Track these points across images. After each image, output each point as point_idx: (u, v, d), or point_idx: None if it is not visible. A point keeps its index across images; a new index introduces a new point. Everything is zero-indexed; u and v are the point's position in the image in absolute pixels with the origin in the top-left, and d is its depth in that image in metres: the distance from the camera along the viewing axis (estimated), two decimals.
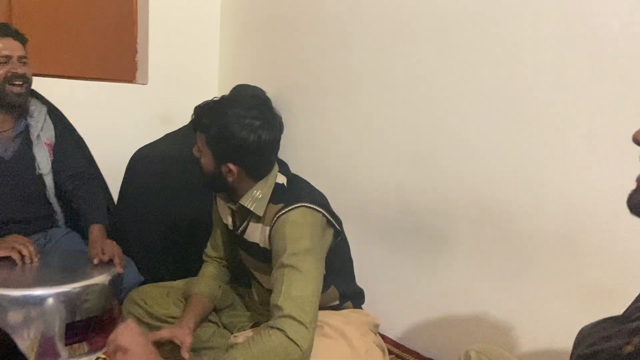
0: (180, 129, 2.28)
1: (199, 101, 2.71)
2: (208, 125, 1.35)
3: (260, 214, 1.42)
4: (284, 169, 1.51)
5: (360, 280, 1.70)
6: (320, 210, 1.40)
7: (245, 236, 1.49)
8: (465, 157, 1.74)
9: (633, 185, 0.76)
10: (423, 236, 1.88)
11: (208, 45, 2.77)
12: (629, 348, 0.72)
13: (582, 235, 1.47)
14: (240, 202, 1.43)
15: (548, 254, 1.55)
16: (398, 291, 1.98)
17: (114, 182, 2.20)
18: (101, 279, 1.62)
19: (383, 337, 1.73)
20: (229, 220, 1.55)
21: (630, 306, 0.85)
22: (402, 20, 1.88)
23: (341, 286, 1.52)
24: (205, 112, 1.37)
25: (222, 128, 1.33)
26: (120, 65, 2.60)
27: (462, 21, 1.71)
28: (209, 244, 1.68)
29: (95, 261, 1.67)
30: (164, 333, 1.40)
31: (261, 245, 1.45)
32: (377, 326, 1.56)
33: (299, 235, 1.33)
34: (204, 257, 1.67)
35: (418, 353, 1.92)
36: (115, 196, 2.22)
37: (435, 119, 1.82)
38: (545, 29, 1.52)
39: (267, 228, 1.41)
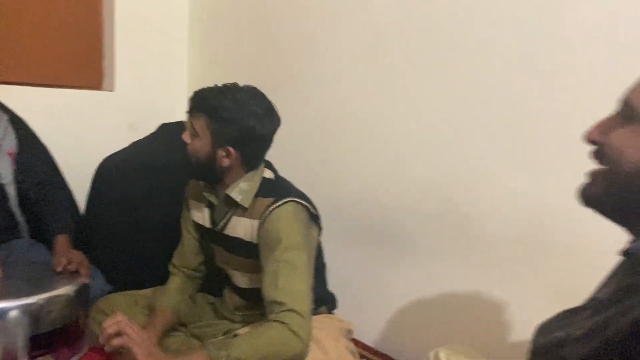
0: (147, 136, 2.25)
1: (167, 108, 2.70)
2: (214, 106, 1.36)
3: (247, 205, 1.41)
4: (270, 166, 1.51)
5: (333, 284, 1.70)
6: (307, 206, 1.41)
7: (226, 231, 1.47)
8: (432, 160, 1.76)
9: None
10: (394, 239, 1.89)
11: (176, 50, 2.75)
12: (578, 332, 0.75)
13: (546, 236, 1.50)
14: (226, 192, 1.42)
15: (514, 255, 1.57)
16: (370, 295, 1.98)
17: (81, 191, 2.17)
18: (66, 289, 1.58)
19: (356, 342, 1.74)
20: (205, 219, 1.53)
21: (586, 299, 0.87)
22: (373, 22, 1.90)
23: (316, 289, 1.52)
24: (212, 94, 1.38)
25: (228, 110, 1.34)
26: (86, 71, 2.56)
27: (431, 25, 1.73)
28: (175, 253, 1.65)
29: (59, 268, 1.63)
30: (121, 316, 1.38)
31: (246, 239, 1.43)
32: (350, 332, 1.56)
33: (293, 230, 1.35)
34: (170, 268, 1.65)
35: (390, 357, 1.92)
36: (82, 205, 2.18)
37: (402, 122, 1.84)
38: (510, 35, 1.55)
39: (256, 222, 1.40)
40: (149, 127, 2.32)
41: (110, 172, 2.11)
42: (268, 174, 1.48)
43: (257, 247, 1.40)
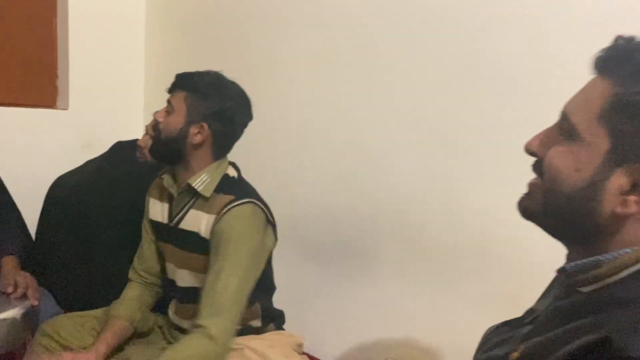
0: (101, 155, 2.21)
1: (123, 125, 2.67)
2: (196, 82, 1.40)
3: (207, 195, 1.40)
4: (235, 166, 1.53)
5: (288, 300, 1.70)
6: (265, 211, 1.41)
7: (181, 225, 1.46)
8: (383, 176, 1.79)
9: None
10: (350, 255, 1.90)
11: (132, 68, 2.73)
12: (515, 355, 0.73)
13: (497, 248, 1.53)
14: (188, 181, 1.41)
15: (466, 268, 1.61)
16: (327, 310, 1.99)
17: (33, 212, 2.12)
18: (12, 313, 1.54)
19: (311, 357, 1.73)
20: (164, 214, 1.52)
21: (526, 311, 0.88)
22: (327, 39, 1.93)
23: (264, 305, 1.51)
24: (196, 73, 1.43)
25: (209, 87, 1.39)
26: (39, 90, 2.52)
27: (381, 44, 1.77)
28: (135, 257, 1.63)
29: (8, 294, 1.58)
30: (66, 357, 1.36)
31: (201, 234, 1.42)
32: (300, 345, 1.56)
33: (245, 232, 1.36)
34: (130, 275, 1.62)
35: None
36: (33, 226, 2.13)
37: (354, 139, 1.87)
38: (453, 53, 1.59)
39: (213, 217, 1.39)
40: (104, 146, 2.29)
41: (63, 191, 2.07)
42: (232, 171, 1.49)
43: (208, 243, 1.39)
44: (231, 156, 1.52)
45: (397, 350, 1.78)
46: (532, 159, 0.76)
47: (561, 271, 0.74)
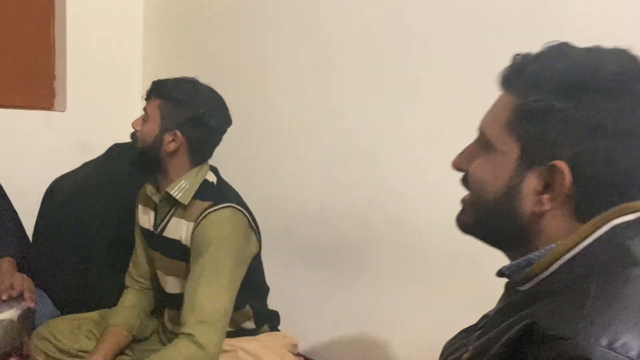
0: (98, 157, 2.22)
1: (120, 127, 2.67)
2: (169, 89, 1.39)
3: (185, 202, 1.40)
4: (215, 171, 1.51)
5: (281, 301, 1.71)
6: (247, 214, 1.41)
7: (165, 233, 1.46)
8: (377, 178, 1.80)
9: None
10: (343, 256, 1.91)
11: (130, 70, 2.73)
12: (465, 356, 0.78)
13: (490, 251, 1.53)
14: (167, 189, 1.41)
15: (460, 270, 1.62)
16: (320, 311, 2.00)
17: (30, 214, 2.12)
18: (8, 314, 1.54)
19: (306, 358, 1.74)
20: (150, 222, 1.52)
21: (480, 317, 0.91)
22: (322, 40, 1.94)
23: (256, 306, 1.52)
24: (170, 80, 1.42)
25: (182, 93, 1.38)
26: (36, 92, 2.53)
27: (375, 46, 1.78)
28: (130, 263, 1.64)
29: (4, 297, 1.59)
30: None
31: (182, 242, 1.43)
32: (295, 346, 1.57)
33: (224, 237, 1.35)
34: (126, 281, 1.63)
35: None
36: (30, 228, 2.13)
37: (347, 141, 1.88)
38: (449, 55, 1.61)
39: (192, 224, 1.39)
40: (101, 148, 2.29)
41: (60, 194, 2.08)
42: (211, 177, 1.48)
43: (190, 251, 1.39)
44: (224, 159, 1.52)
45: (390, 352, 1.79)
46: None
47: (499, 274, 0.80)
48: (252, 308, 1.50)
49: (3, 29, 2.39)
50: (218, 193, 1.44)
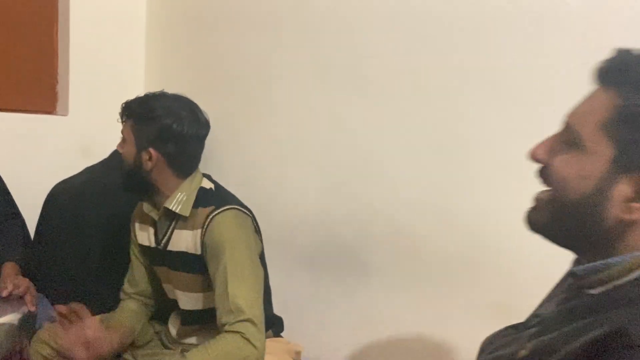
0: (100, 162, 2.23)
1: None
2: (135, 109, 1.40)
3: (186, 214, 1.41)
4: (210, 178, 1.52)
5: (284, 307, 1.71)
6: (249, 214, 1.42)
7: (169, 248, 1.46)
8: (378, 184, 1.79)
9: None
10: (344, 262, 1.91)
11: (132, 75, 2.74)
12: (523, 352, 0.76)
13: (490, 257, 1.54)
14: (164, 205, 1.41)
15: (460, 276, 1.61)
16: (321, 317, 1.99)
17: (32, 218, 2.12)
18: (9, 318, 1.54)
19: None
20: (150, 238, 1.52)
21: (529, 315, 0.89)
22: (323, 45, 1.95)
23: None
24: (137, 100, 1.44)
25: (147, 110, 1.38)
26: (39, 96, 2.53)
27: (377, 51, 1.79)
28: (125, 280, 1.63)
29: (4, 293, 1.58)
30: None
31: (190, 252, 1.43)
32: (298, 353, 1.56)
33: (235, 237, 1.36)
34: (121, 296, 1.62)
35: None
36: (32, 232, 2.13)
37: (349, 146, 1.88)
38: (450, 62, 1.61)
39: (198, 231, 1.40)
40: (103, 153, 2.30)
41: (61, 198, 2.08)
42: (207, 184, 1.48)
43: (201, 259, 1.39)
44: (225, 164, 1.52)
45: (393, 358, 1.78)
46: (525, 168, 0.79)
47: (571, 274, 0.76)
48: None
49: (6, 34, 2.40)
50: (218, 197, 1.45)
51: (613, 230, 0.69)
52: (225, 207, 1.39)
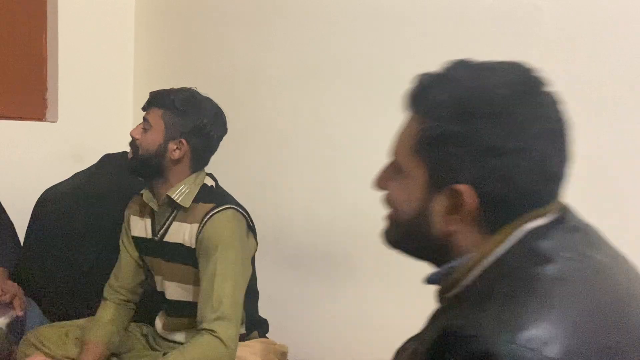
0: (89, 168, 2.24)
1: (112, 137, 2.68)
2: (172, 99, 1.44)
3: (187, 205, 1.45)
4: (212, 177, 1.58)
5: (270, 308, 1.72)
6: (245, 215, 1.45)
7: (165, 239, 1.49)
8: (365, 186, 1.79)
9: None
10: (331, 263, 1.93)
11: (121, 81, 2.75)
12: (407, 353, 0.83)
13: None
14: (167, 193, 1.45)
15: None
16: (308, 318, 2.01)
17: (21, 223, 2.13)
18: None
19: None
20: (147, 230, 1.55)
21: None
22: (312, 48, 1.98)
23: (248, 310, 1.53)
24: (170, 90, 1.49)
25: (185, 103, 1.44)
26: (28, 103, 2.53)
27: (366, 54, 1.81)
28: (112, 275, 1.64)
29: None
30: None
31: (186, 245, 1.47)
32: (284, 354, 1.57)
33: (230, 236, 1.41)
34: (105, 293, 1.62)
35: None
36: (21, 237, 2.14)
37: (336, 148, 1.91)
38: (438, 65, 1.62)
39: (196, 225, 1.44)
40: (93, 158, 2.30)
41: (50, 203, 2.09)
42: (209, 181, 1.54)
43: (195, 252, 1.42)
44: (211, 165, 1.55)
45: (379, 358, 1.79)
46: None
47: (426, 282, 0.83)
48: (246, 312, 1.51)
49: None
50: (219, 196, 1.50)
51: (444, 240, 0.75)
52: (224, 207, 1.43)
